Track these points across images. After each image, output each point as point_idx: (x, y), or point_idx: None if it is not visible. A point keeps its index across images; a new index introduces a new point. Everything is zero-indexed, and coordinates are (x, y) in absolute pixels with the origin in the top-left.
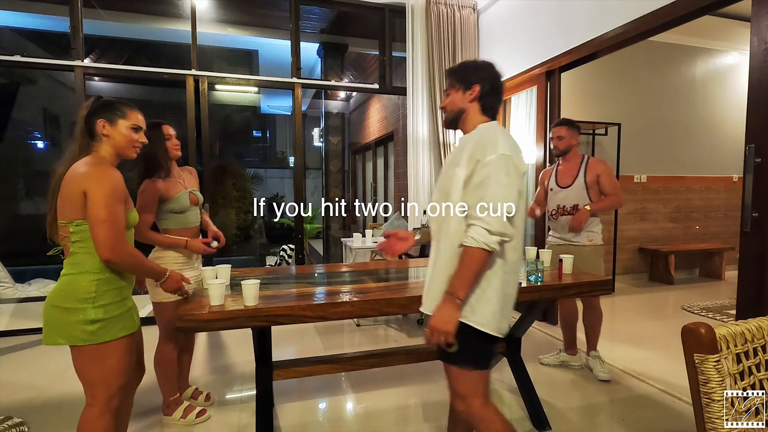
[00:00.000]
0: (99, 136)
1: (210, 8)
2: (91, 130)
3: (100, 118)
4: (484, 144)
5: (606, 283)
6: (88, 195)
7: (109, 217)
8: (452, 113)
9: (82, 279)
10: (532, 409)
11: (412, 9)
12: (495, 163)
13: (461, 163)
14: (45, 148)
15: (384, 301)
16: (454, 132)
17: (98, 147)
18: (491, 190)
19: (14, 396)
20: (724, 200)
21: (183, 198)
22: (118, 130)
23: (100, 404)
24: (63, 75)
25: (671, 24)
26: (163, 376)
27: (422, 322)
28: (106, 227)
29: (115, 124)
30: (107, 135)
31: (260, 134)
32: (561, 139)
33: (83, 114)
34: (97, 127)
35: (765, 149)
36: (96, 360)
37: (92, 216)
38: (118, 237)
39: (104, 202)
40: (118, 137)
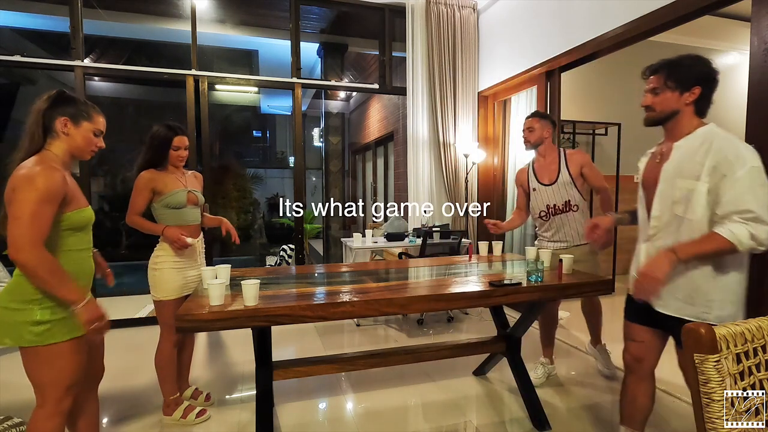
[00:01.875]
0: (57, 134)
1: (210, 8)
2: (49, 126)
3: (63, 116)
4: (729, 157)
5: (606, 283)
6: (15, 193)
7: (26, 215)
8: (662, 114)
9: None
10: (532, 409)
11: (412, 9)
12: (749, 177)
13: (701, 177)
14: None
15: (384, 301)
16: (454, 132)
17: (51, 144)
18: (753, 204)
19: (14, 396)
20: None
21: (179, 195)
22: (80, 131)
23: (49, 405)
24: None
25: (671, 24)
26: (162, 375)
27: (422, 322)
28: (18, 224)
29: (80, 126)
30: (67, 134)
31: (260, 134)
32: (532, 131)
33: (42, 107)
34: (57, 125)
35: (765, 149)
36: (44, 361)
37: (12, 212)
38: (31, 237)
39: (26, 201)
40: (79, 139)
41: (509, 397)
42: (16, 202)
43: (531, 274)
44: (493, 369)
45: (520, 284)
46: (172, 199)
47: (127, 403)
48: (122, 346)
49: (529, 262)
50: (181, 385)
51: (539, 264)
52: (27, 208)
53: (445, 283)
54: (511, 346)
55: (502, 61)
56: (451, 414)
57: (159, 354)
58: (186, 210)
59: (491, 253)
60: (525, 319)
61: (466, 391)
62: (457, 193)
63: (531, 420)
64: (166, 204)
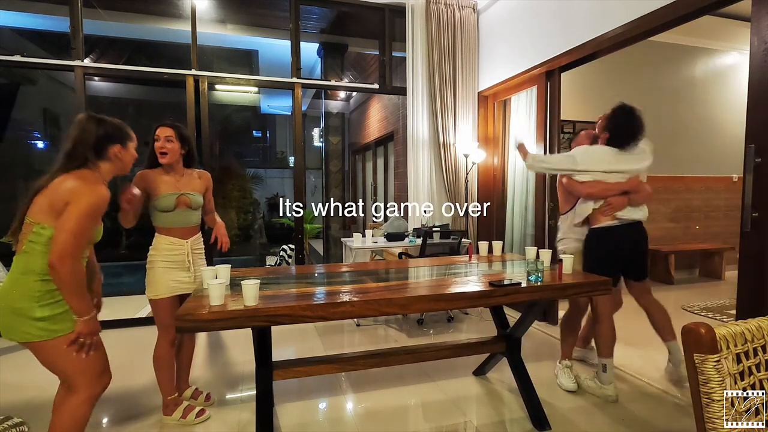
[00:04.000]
0: (110, 158)
1: (210, 8)
2: (101, 152)
3: (115, 144)
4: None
5: (606, 283)
6: (69, 206)
7: (76, 229)
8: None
9: (29, 279)
10: (532, 409)
11: (412, 9)
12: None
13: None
14: (45, 148)
15: (384, 301)
16: (453, 132)
17: (101, 166)
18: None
19: (14, 396)
20: (724, 200)
21: (167, 198)
22: (128, 152)
23: (82, 392)
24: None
25: (671, 24)
26: (160, 375)
27: (422, 322)
28: (69, 236)
29: (127, 148)
30: (120, 159)
31: (260, 134)
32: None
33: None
34: (111, 152)
35: (765, 149)
36: (59, 354)
37: (62, 222)
38: (74, 249)
39: (79, 216)
40: (128, 159)
41: (509, 397)
42: (69, 214)
43: (531, 274)
44: (493, 369)
45: (520, 284)
46: (159, 202)
47: (127, 403)
48: (122, 346)
49: (529, 262)
50: (181, 386)
51: (539, 264)
52: (79, 222)
53: (445, 283)
54: (511, 346)
55: (502, 61)
56: (451, 414)
57: (155, 353)
58: (176, 212)
59: (491, 253)
60: (525, 319)
61: (466, 391)
62: (457, 193)
63: (531, 420)
64: (155, 206)
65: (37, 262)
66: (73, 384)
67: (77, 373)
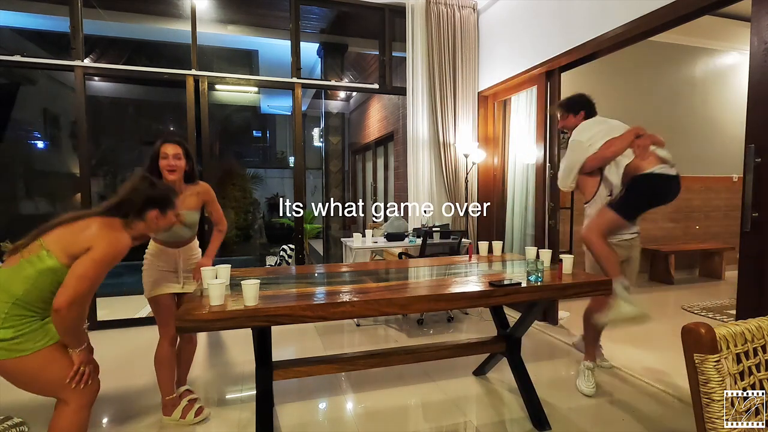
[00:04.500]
0: (146, 220)
1: (210, 8)
2: (141, 213)
3: (154, 209)
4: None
5: (606, 283)
6: (89, 252)
7: (92, 275)
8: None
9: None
10: (532, 409)
11: (412, 9)
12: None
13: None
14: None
15: (384, 301)
16: (453, 132)
17: (137, 224)
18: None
19: (14, 396)
20: (724, 200)
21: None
22: (165, 218)
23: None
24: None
25: (671, 24)
26: (161, 374)
27: (422, 322)
28: (83, 282)
29: (165, 215)
30: (156, 223)
31: (260, 134)
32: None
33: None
34: (150, 216)
35: (765, 149)
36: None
37: (79, 266)
38: (85, 296)
39: (97, 264)
40: (162, 224)
41: (509, 397)
42: (88, 260)
43: (531, 274)
44: (493, 369)
45: (520, 284)
46: None
47: (127, 403)
48: (122, 346)
49: (529, 262)
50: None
51: (539, 264)
52: (96, 269)
53: (445, 283)
54: (511, 346)
55: (502, 61)
56: (451, 414)
57: (157, 353)
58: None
59: (491, 253)
60: (525, 319)
61: (466, 391)
62: (457, 193)
63: (531, 420)
64: None
65: (18, 286)
66: (60, 398)
67: (58, 389)
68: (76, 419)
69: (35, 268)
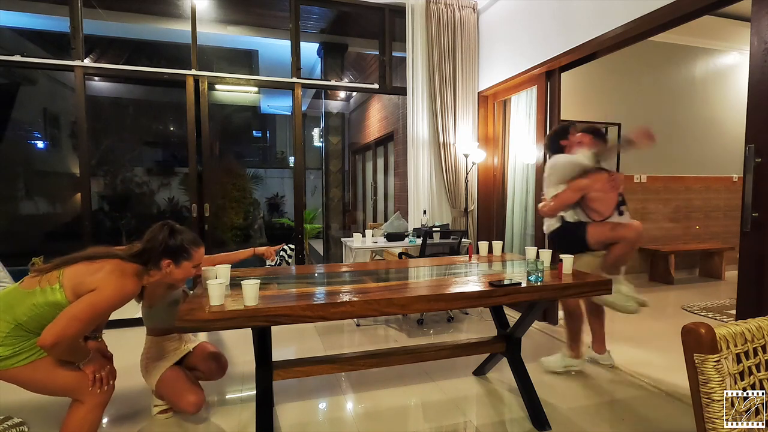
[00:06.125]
0: (159, 268)
1: (210, 8)
2: (157, 262)
3: (166, 259)
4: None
5: (606, 283)
6: (92, 293)
7: (84, 320)
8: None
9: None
10: (532, 409)
11: (412, 9)
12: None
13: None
14: (45, 148)
15: (384, 301)
16: (453, 132)
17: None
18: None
19: (14, 396)
20: (724, 200)
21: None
22: (180, 270)
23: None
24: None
25: (671, 24)
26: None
27: (422, 322)
28: (73, 324)
29: (180, 266)
30: (169, 273)
31: (260, 134)
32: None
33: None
34: (162, 265)
35: (765, 149)
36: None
37: (75, 307)
38: (71, 338)
39: (94, 308)
40: (178, 275)
41: (509, 397)
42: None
43: (531, 274)
44: (493, 369)
45: (520, 284)
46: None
47: (127, 403)
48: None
49: (529, 262)
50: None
51: (539, 264)
52: (93, 311)
53: (445, 283)
54: (511, 346)
55: (502, 61)
56: (451, 414)
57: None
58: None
59: (491, 253)
60: (525, 319)
61: (466, 391)
62: (457, 193)
63: (531, 420)
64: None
65: (23, 311)
66: (75, 398)
67: (71, 390)
68: (90, 417)
69: (45, 299)
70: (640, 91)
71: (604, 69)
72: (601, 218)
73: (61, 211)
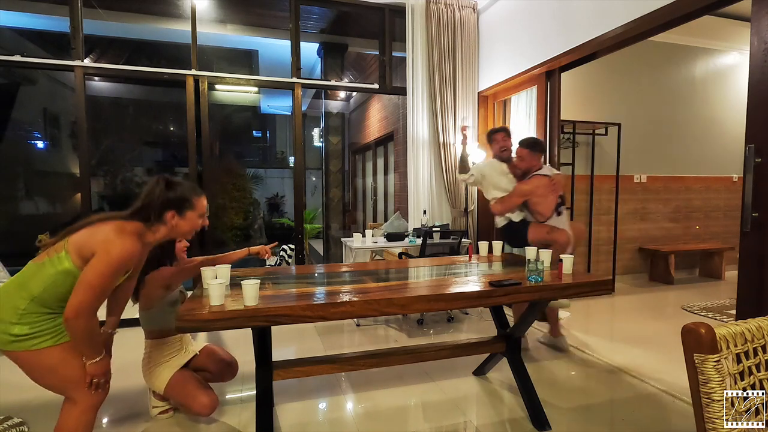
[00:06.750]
0: (164, 221)
1: (210, 8)
2: (160, 215)
3: (169, 210)
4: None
5: (606, 283)
6: (95, 257)
7: (97, 284)
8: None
9: (20, 293)
10: (532, 409)
11: (412, 9)
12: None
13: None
14: (45, 148)
15: (384, 301)
16: (453, 132)
17: (158, 227)
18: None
19: (14, 396)
20: (724, 200)
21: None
22: (185, 220)
23: (81, 403)
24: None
25: (671, 24)
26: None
27: (422, 322)
28: (89, 291)
29: (184, 216)
30: (174, 225)
31: (260, 134)
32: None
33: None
34: (166, 216)
35: (765, 149)
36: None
37: (86, 274)
38: (92, 305)
39: (102, 271)
40: (184, 226)
41: (509, 397)
42: (93, 268)
43: (531, 274)
44: (493, 369)
45: (520, 284)
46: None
47: (127, 404)
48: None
49: (529, 262)
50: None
51: (539, 264)
52: (101, 277)
53: (445, 283)
54: (511, 346)
55: (502, 61)
56: (451, 414)
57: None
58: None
59: (491, 253)
60: (525, 319)
61: (466, 391)
62: (457, 193)
63: (531, 420)
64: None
65: (37, 284)
66: (69, 397)
67: (68, 388)
68: (83, 419)
69: (55, 268)
70: (640, 91)
71: (604, 69)
72: (543, 219)
73: (61, 211)
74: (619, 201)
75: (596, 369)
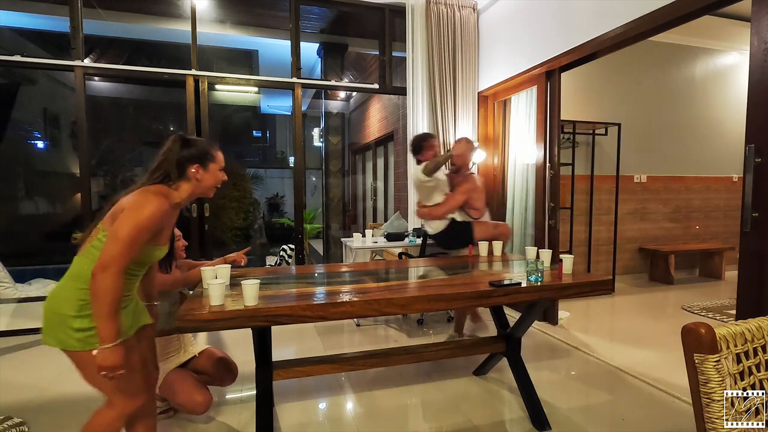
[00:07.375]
0: (189, 178)
1: (210, 8)
2: (182, 172)
3: (194, 163)
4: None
5: (606, 283)
6: (123, 213)
7: (126, 237)
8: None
9: (75, 284)
10: (532, 409)
11: (412, 9)
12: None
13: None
14: (45, 148)
15: (384, 301)
16: (454, 132)
17: (179, 185)
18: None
19: (14, 396)
20: (724, 200)
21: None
22: (209, 173)
23: (117, 408)
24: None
25: (671, 24)
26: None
27: (422, 322)
28: (117, 243)
29: (207, 169)
30: (199, 180)
31: (260, 134)
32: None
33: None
34: (189, 171)
35: (765, 149)
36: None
37: (114, 229)
38: (121, 259)
39: (130, 224)
40: (209, 180)
41: (509, 397)
42: (121, 222)
43: (531, 274)
44: (493, 369)
45: (520, 284)
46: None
47: None
48: None
49: (529, 262)
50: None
51: (539, 264)
52: (130, 230)
53: (445, 283)
54: (511, 346)
55: (502, 61)
56: (451, 414)
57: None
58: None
59: (491, 253)
60: (525, 319)
61: (466, 391)
62: None
63: (531, 420)
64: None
65: (87, 270)
66: (110, 400)
67: (113, 392)
68: (114, 426)
69: (99, 250)
70: (640, 91)
71: (604, 69)
72: (479, 214)
73: (61, 211)
74: (619, 201)
75: (596, 369)
